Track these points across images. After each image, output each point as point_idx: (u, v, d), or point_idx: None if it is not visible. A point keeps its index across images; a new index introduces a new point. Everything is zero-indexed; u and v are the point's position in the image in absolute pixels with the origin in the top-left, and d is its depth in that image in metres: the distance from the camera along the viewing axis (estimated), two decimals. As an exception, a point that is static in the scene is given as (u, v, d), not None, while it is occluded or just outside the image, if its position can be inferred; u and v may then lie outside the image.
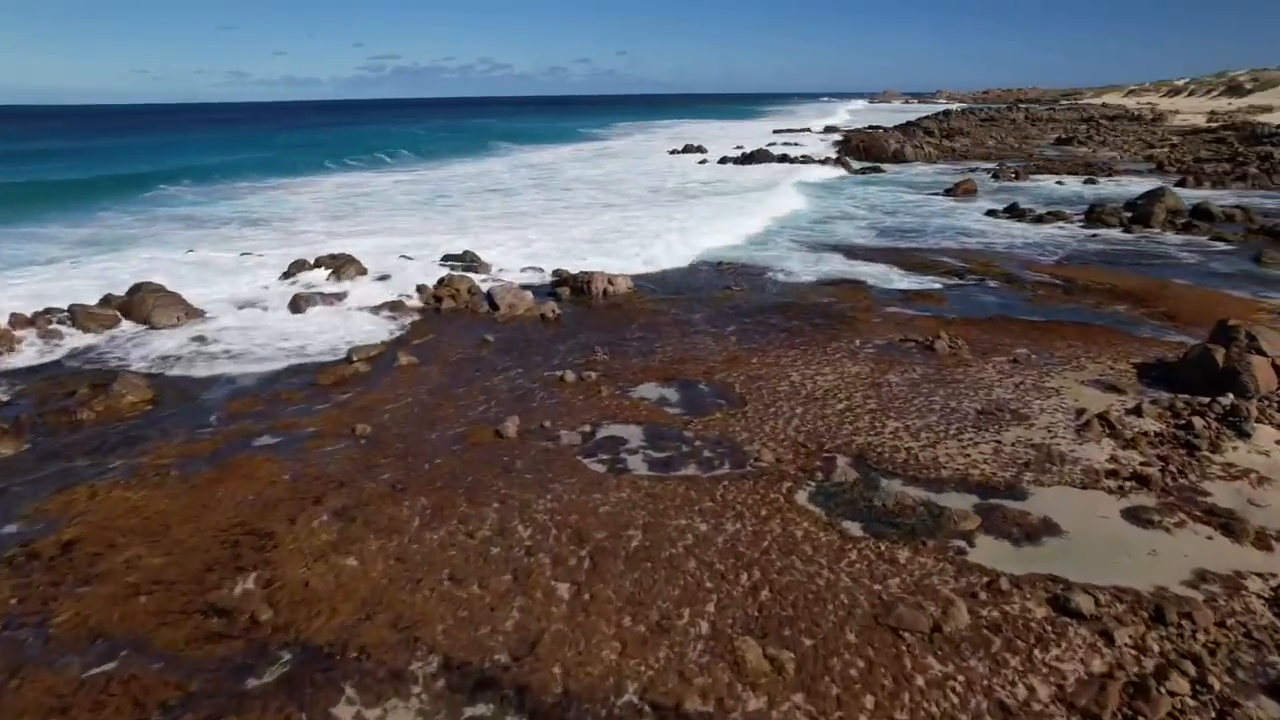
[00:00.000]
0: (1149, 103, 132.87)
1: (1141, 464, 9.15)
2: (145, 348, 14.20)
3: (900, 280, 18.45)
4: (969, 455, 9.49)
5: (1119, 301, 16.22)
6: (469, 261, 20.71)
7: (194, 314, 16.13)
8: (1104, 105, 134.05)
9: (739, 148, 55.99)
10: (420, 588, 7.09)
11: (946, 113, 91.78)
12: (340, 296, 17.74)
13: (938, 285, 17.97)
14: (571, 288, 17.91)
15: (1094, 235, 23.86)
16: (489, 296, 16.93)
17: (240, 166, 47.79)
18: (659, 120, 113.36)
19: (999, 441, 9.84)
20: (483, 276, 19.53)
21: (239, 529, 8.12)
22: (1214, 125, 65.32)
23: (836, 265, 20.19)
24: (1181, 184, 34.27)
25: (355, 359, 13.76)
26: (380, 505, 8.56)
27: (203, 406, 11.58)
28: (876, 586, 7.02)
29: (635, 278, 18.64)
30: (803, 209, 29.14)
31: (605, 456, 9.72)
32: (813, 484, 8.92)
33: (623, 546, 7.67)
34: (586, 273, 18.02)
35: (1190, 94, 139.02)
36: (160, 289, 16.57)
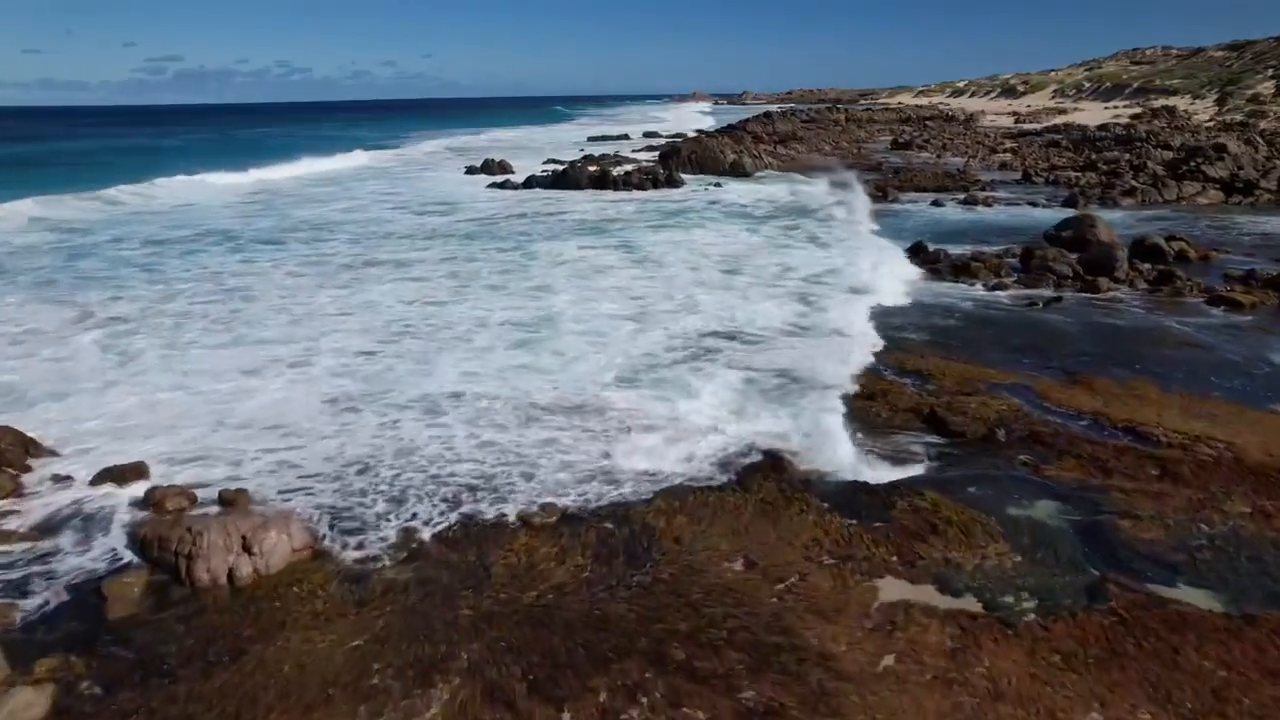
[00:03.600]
0: (942, 102, 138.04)
1: None
2: None
3: (850, 457, 9.72)
4: None
5: (1280, 502, 8.39)
6: (7, 458, 9.86)
7: None
8: (900, 104, 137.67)
9: (550, 161, 46.72)
10: None
11: (769, 114, 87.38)
12: None
13: (920, 466, 9.49)
14: (157, 563, 7.69)
15: (1056, 300, 16.62)
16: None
17: None
18: (464, 127, 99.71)
19: None
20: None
21: None
22: (1037, 128, 64.08)
23: (703, 423, 11.23)
24: (1070, 202, 29.02)
25: None
26: None
27: None
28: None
29: (326, 512, 8.67)
30: (640, 277, 20.21)
31: None
32: None
33: None
34: (195, 529, 7.81)
35: (972, 95, 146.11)
36: None
